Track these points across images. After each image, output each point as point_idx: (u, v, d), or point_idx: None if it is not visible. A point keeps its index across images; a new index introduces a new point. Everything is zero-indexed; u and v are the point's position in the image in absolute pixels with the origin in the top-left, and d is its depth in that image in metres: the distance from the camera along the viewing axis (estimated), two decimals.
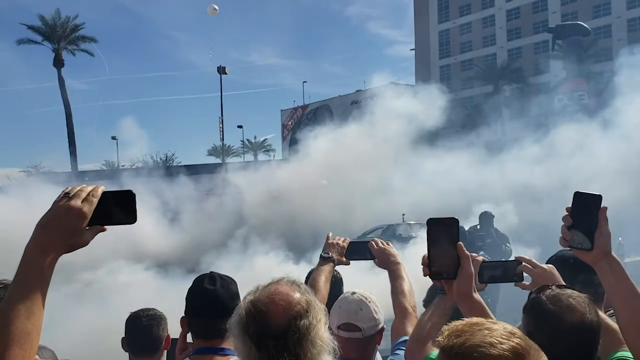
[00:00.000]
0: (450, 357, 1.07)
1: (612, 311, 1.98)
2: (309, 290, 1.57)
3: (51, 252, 1.26)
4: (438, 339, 1.12)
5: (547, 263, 2.69)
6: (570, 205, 1.72)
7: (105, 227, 1.36)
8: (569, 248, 1.76)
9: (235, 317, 1.51)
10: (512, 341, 1.06)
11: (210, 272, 2.29)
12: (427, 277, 1.77)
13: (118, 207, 1.37)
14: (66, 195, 1.32)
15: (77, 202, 1.30)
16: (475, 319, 1.15)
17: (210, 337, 2.12)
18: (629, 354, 1.76)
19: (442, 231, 1.74)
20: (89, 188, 1.35)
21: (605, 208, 1.68)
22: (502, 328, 1.10)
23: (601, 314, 1.92)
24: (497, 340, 1.05)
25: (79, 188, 1.34)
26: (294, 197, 22.09)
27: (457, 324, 1.14)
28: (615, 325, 1.87)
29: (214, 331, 2.10)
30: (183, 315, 2.23)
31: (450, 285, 1.73)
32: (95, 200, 1.33)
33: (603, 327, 1.79)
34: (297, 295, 1.51)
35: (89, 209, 1.31)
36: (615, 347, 1.86)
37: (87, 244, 1.33)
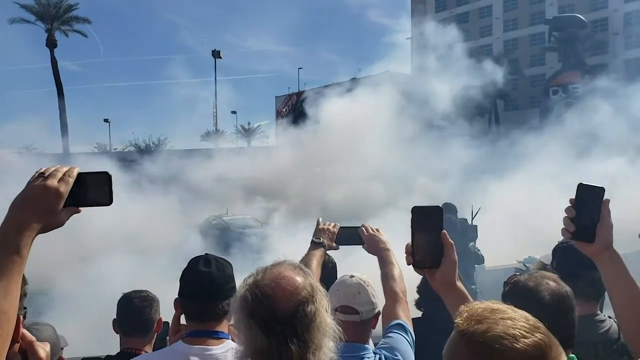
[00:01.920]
0: (471, 344, 1.04)
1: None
2: (310, 273, 1.55)
3: (27, 231, 1.24)
4: (457, 320, 1.09)
5: (554, 250, 2.80)
6: (574, 197, 1.71)
7: (79, 208, 1.34)
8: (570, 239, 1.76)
9: (238, 302, 1.46)
10: (536, 336, 1.03)
11: (206, 253, 2.25)
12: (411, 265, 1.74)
13: (94, 189, 1.36)
14: (41, 175, 1.31)
15: (53, 182, 1.29)
16: (494, 305, 1.11)
17: (204, 320, 2.10)
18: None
19: (426, 219, 1.71)
20: (65, 168, 1.34)
21: (608, 200, 1.67)
22: (524, 319, 1.07)
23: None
24: (521, 333, 1.02)
25: (54, 168, 1.33)
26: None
27: (476, 307, 1.10)
28: None
29: (208, 314, 2.09)
30: (177, 297, 2.20)
31: (433, 274, 1.71)
32: (71, 181, 1.32)
33: None
34: (301, 279, 1.49)
35: (65, 189, 1.30)
36: None
37: (63, 225, 1.32)
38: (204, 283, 2.11)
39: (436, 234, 1.70)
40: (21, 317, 1.27)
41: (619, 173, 15.45)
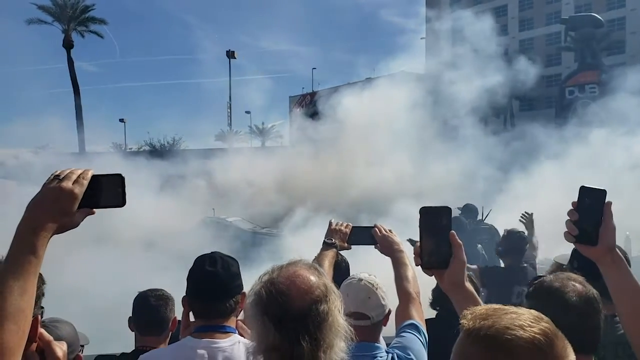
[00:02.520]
0: (479, 339, 1.05)
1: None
2: (324, 273, 1.56)
3: (42, 232, 1.27)
4: (462, 322, 1.11)
5: (574, 250, 2.74)
6: (576, 200, 1.69)
7: (93, 209, 1.38)
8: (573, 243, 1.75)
9: (253, 298, 1.49)
10: (542, 325, 1.05)
11: (212, 252, 2.26)
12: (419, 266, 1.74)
13: (107, 190, 1.39)
14: (56, 178, 1.34)
15: (68, 184, 1.33)
16: (496, 305, 1.13)
17: (210, 317, 2.14)
18: None
19: (434, 220, 1.70)
20: (79, 171, 1.37)
21: (610, 203, 1.66)
22: (527, 312, 1.09)
23: None
24: (527, 323, 1.05)
25: (68, 171, 1.37)
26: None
27: (479, 308, 1.13)
28: None
29: (214, 311, 2.13)
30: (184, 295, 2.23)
31: (441, 275, 1.71)
32: (86, 183, 1.35)
33: None
34: (316, 278, 1.51)
35: (80, 191, 1.33)
36: None
37: (77, 226, 1.36)
38: (209, 282, 2.13)
39: (445, 235, 1.70)
40: (39, 317, 1.30)
41: None
